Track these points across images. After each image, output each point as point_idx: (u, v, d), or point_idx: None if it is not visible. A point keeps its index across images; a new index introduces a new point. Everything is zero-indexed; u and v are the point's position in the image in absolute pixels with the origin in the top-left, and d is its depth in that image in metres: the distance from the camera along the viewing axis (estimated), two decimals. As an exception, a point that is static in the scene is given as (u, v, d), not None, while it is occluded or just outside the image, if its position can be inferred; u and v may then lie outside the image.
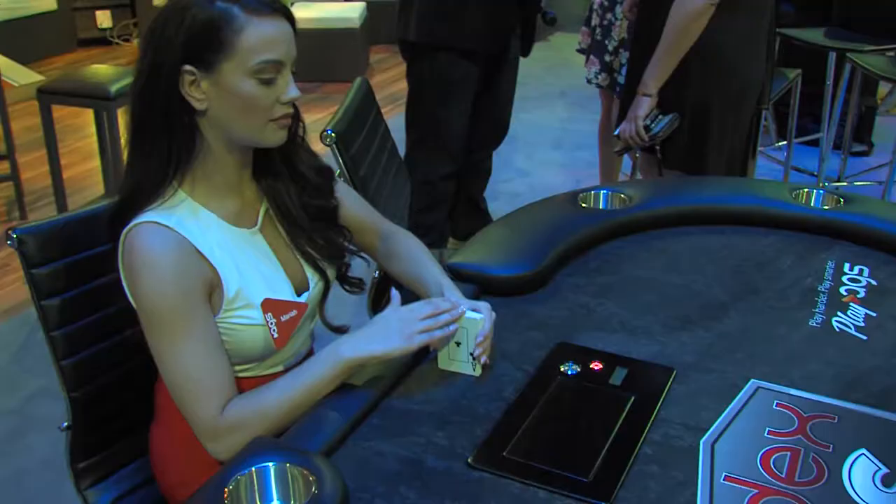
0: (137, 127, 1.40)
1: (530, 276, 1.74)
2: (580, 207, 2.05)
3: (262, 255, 1.49)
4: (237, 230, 1.46)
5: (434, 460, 1.28)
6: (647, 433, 1.35)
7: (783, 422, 1.39)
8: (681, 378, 1.49)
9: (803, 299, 1.75)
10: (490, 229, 1.93)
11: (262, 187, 1.52)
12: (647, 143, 2.64)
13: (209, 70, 1.34)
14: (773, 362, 1.54)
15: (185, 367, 1.35)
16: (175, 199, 1.41)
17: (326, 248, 1.55)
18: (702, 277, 1.82)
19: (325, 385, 1.37)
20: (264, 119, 1.39)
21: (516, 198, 4.45)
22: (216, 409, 1.35)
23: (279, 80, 1.37)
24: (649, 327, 1.64)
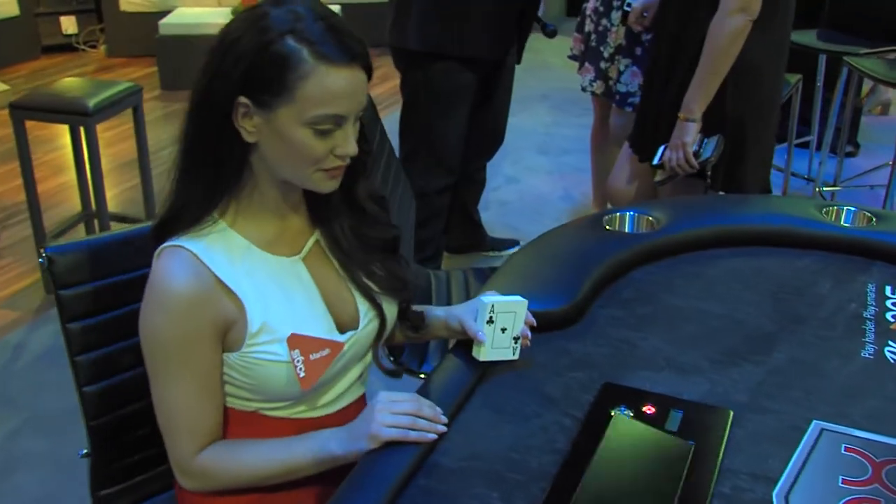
0: (187, 149, 1.32)
1: (567, 310, 1.65)
2: (605, 230, 1.96)
3: (301, 287, 1.39)
4: (273, 258, 1.37)
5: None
6: (714, 486, 1.25)
7: (855, 469, 1.31)
8: (738, 420, 1.40)
9: (850, 328, 1.67)
10: (515, 259, 1.84)
11: (314, 217, 1.44)
12: (696, 169, 2.53)
13: (264, 108, 1.26)
14: (831, 400, 1.46)
15: (169, 402, 1.33)
16: (212, 227, 1.33)
17: (386, 280, 1.46)
18: (742, 305, 1.74)
19: (304, 469, 1.34)
20: (314, 167, 1.31)
21: (505, 206, 4.37)
22: (192, 450, 1.34)
23: (338, 132, 1.29)
24: (696, 363, 1.55)
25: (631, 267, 1.87)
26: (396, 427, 1.27)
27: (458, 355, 1.51)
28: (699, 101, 2.45)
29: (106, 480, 1.58)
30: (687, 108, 2.47)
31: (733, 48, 2.38)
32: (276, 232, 1.38)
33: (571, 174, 4.75)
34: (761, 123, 2.54)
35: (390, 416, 1.28)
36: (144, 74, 6.47)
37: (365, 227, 1.44)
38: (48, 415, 2.84)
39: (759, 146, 2.55)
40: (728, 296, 1.78)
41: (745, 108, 2.50)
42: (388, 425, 1.27)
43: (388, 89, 5.67)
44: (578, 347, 1.59)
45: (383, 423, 1.27)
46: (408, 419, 1.28)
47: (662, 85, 2.57)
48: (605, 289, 1.78)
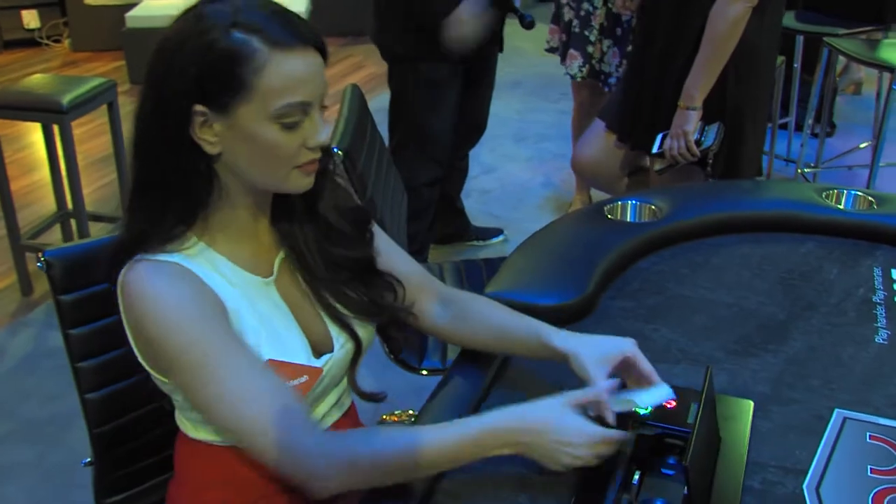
0: (141, 168, 1.23)
1: (578, 303, 1.62)
2: (607, 220, 1.94)
3: (275, 309, 1.30)
4: (252, 277, 1.29)
5: (526, 530, 1.15)
6: (745, 481, 1.24)
7: (883, 458, 1.30)
8: (760, 411, 1.39)
9: (861, 313, 1.67)
10: (519, 252, 1.81)
11: (279, 231, 1.34)
12: (698, 158, 2.51)
13: (223, 112, 1.16)
14: (850, 388, 1.45)
15: (241, 394, 1.15)
16: (191, 246, 1.25)
17: (358, 304, 1.35)
18: (751, 294, 1.72)
19: (470, 451, 1.18)
20: (288, 167, 1.22)
21: (486, 195, 4.35)
22: (312, 430, 1.17)
23: (305, 122, 1.20)
24: (712, 354, 1.53)
25: (636, 257, 1.85)
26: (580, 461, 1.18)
27: (470, 353, 1.48)
28: (700, 89, 2.43)
29: (110, 489, 1.55)
30: (688, 96, 2.45)
31: (735, 35, 2.37)
32: (251, 250, 1.30)
33: (551, 160, 4.73)
34: (759, 108, 2.54)
35: (573, 461, 1.18)
36: (112, 69, 6.37)
37: (329, 244, 1.33)
38: (33, 423, 2.78)
39: (756, 132, 2.54)
40: (736, 284, 1.77)
41: (744, 94, 2.49)
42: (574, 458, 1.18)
43: (362, 77, 5.62)
44: (593, 341, 1.56)
45: (566, 468, 1.18)
46: (590, 452, 1.18)
47: (658, 72, 2.54)
48: (612, 280, 1.76)
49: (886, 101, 3.59)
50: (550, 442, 1.17)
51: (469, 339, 1.46)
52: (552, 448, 1.17)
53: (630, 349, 1.32)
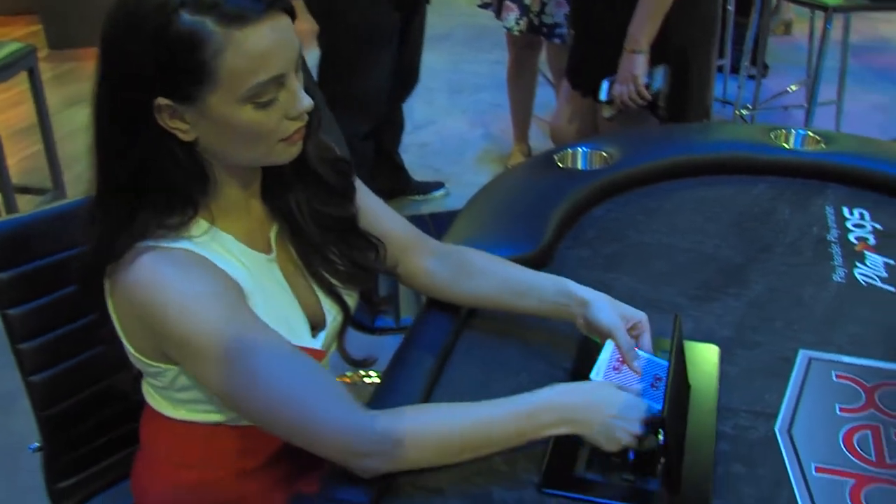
0: (110, 167, 1.13)
1: (536, 254, 1.60)
2: (558, 169, 1.91)
3: (279, 289, 1.24)
4: (258, 255, 1.23)
5: (502, 492, 1.13)
6: (717, 427, 1.23)
7: (849, 396, 1.30)
8: (726, 356, 1.38)
9: (817, 252, 1.67)
10: (473, 205, 1.77)
11: (270, 203, 1.26)
12: (648, 102, 2.48)
13: (189, 102, 1.06)
14: (813, 328, 1.45)
15: (284, 380, 1.09)
16: (194, 227, 1.16)
17: (348, 273, 1.30)
18: (707, 238, 1.72)
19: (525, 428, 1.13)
20: (272, 142, 1.12)
21: (425, 148, 4.31)
22: (357, 408, 1.10)
23: (282, 94, 1.09)
24: (675, 301, 1.53)
25: (590, 205, 1.83)
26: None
27: (436, 308, 1.45)
28: (646, 32, 2.40)
29: (62, 472, 1.49)
30: (633, 40, 2.42)
31: None
32: (248, 227, 1.22)
33: (488, 111, 4.69)
34: (703, 49, 2.52)
35: (628, 437, 1.14)
36: (27, 33, 6.14)
37: (319, 203, 1.26)
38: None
39: (701, 72, 2.52)
40: (691, 229, 1.76)
41: (687, 35, 2.47)
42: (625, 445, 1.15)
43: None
44: (553, 293, 1.53)
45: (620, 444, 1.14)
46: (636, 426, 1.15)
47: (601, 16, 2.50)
48: (568, 230, 1.74)
49: (822, 40, 3.61)
50: (607, 417, 1.14)
51: (475, 294, 1.41)
52: (609, 424, 1.13)
53: (644, 320, 1.31)
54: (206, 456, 1.30)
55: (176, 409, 1.27)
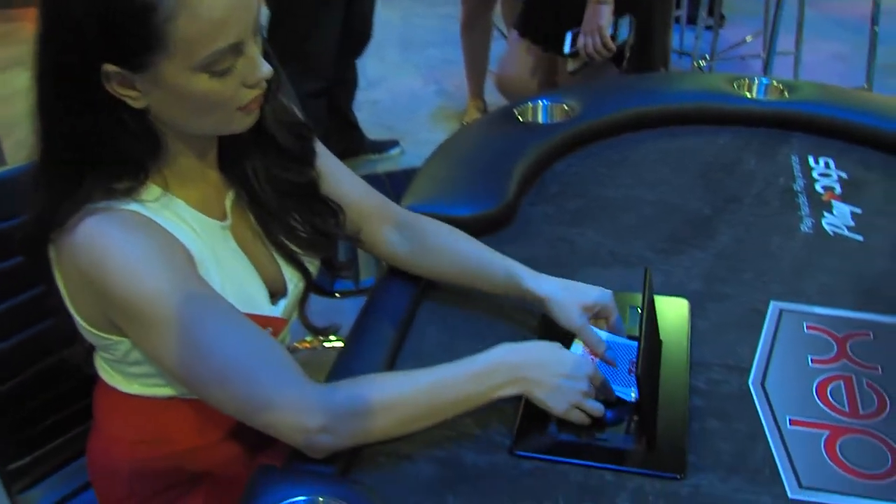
0: (53, 135, 1.07)
1: (499, 211, 1.58)
2: (519, 123, 1.88)
3: (234, 257, 1.20)
4: (212, 222, 1.18)
5: (473, 455, 1.11)
6: (690, 382, 1.22)
7: (821, 347, 1.30)
8: (696, 309, 1.37)
9: (784, 202, 1.67)
10: (430, 163, 1.74)
11: (227, 170, 1.22)
12: (614, 53, 2.44)
13: (140, 70, 1.00)
14: (782, 279, 1.45)
15: (229, 350, 1.05)
16: (144, 191, 1.10)
17: (307, 239, 1.26)
18: (673, 189, 1.70)
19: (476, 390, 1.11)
20: (228, 111, 1.08)
21: (377, 106, 4.26)
22: (307, 382, 1.06)
23: (240, 62, 1.03)
24: (642, 254, 1.51)
25: (552, 159, 1.80)
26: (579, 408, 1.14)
27: (397, 272, 1.42)
28: None
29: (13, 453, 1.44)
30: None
31: None
32: (202, 194, 1.18)
33: (441, 67, 4.64)
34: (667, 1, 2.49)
35: (577, 395, 1.13)
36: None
37: (278, 169, 1.22)
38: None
39: (664, 22, 2.50)
40: (657, 180, 1.74)
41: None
42: (572, 405, 1.13)
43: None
44: (517, 250, 1.49)
45: (569, 402, 1.13)
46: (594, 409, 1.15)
47: None
48: (530, 185, 1.72)
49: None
50: (554, 376, 1.12)
51: (431, 270, 1.39)
52: (557, 384, 1.12)
53: (608, 300, 1.28)
54: (163, 431, 1.26)
55: (129, 384, 1.23)
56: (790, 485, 1.07)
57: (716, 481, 1.07)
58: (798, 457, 1.11)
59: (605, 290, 1.28)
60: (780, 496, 1.05)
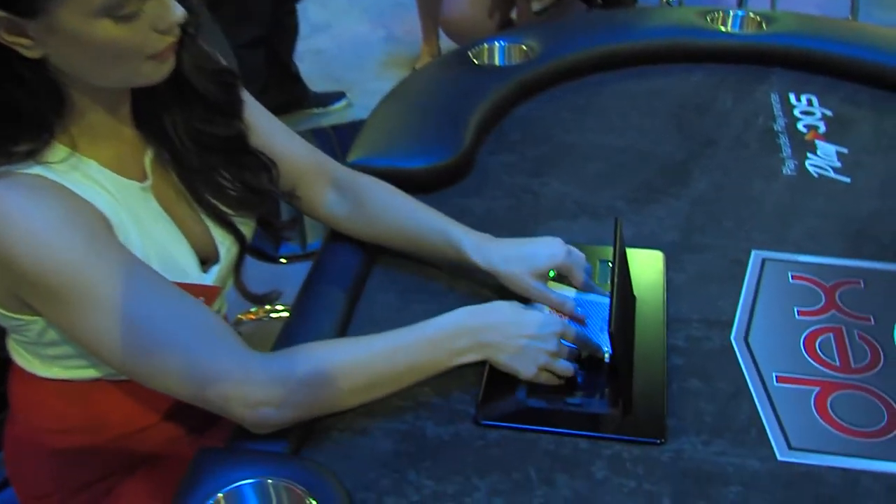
0: None
1: (455, 162, 1.56)
2: (475, 66, 1.87)
3: (158, 220, 1.16)
4: (130, 183, 1.14)
5: (435, 426, 1.11)
6: (666, 339, 1.22)
7: (808, 297, 1.31)
8: (672, 262, 1.37)
9: (764, 144, 1.67)
10: (381, 111, 1.72)
11: (143, 125, 1.18)
12: None
13: (32, 15, 0.95)
14: (764, 226, 1.45)
15: (156, 321, 1.03)
16: (50, 153, 1.06)
17: (238, 197, 1.23)
18: (644, 134, 1.70)
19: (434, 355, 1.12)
20: (137, 60, 1.03)
21: (321, 55, 4.21)
22: (247, 350, 1.05)
23: (148, 5, 0.99)
24: (612, 205, 1.51)
25: (511, 104, 1.79)
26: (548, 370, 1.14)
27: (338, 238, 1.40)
28: None
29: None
30: None
31: None
32: (117, 152, 1.13)
33: (391, 10, 4.60)
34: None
35: (544, 357, 1.13)
36: None
37: (199, 122, 1.18)
38: None
39: None
40: (626, 125, 1.74)
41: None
42: (540, 367, 1.13)
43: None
44: (477, 204, 1.51)
45: (536, 365, 1.13)
46: (563, 369, 1.14)
47: None
48: (488, 133, 1.70)
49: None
50: (518, 337, 1.12)
51: (370, 235, 1.38)
52: (522, 345, 1.12)
53: (561, 257, 1.25)
54: (89, 418, 1.24)
55: (48, 368, 1.20)
56: (779, 446, 1.07)
57: (698, 445, 1.07)
58: (786, 416, 1.11)
59: (558, 244, 1.26)
60: (768, 458, 1.05)
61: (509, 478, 1.03)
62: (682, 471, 1.04)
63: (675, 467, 1.04)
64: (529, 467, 1.04)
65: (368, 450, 1.07)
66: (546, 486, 1.02)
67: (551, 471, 1.04)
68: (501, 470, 1.04)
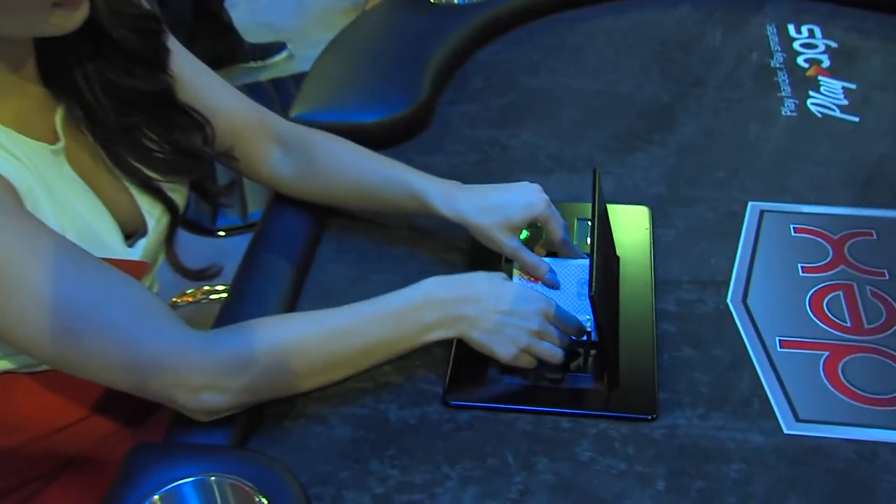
0: None
1: (411, 113, 1.56)
2: (430, 5, 1.86)
3: (72, 187, 1.15)
4: (38, 145, 1.11)
5: (398, 410, 1.11)
6: (655, 303, 1.23)
7: (813, 252, 1.32)
8: (660, 218, 1.38)
9: (760, 83, 1.68)
10: (323, 61, 1.72)
11: (52, 80, 1.15)
12: None
13: None
14: (762, 174, 1.47)
15: (82, 300, 1.01)
16: None
17: (166, 160, 1.20)
18: (624, 76, 1.71)
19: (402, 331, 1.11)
20: (41, 6, 0.99)
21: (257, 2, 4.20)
22: (186, 328, 1.04)
23: None
24: (590, 156, 1.52)
25: (473, 47, 1.80)
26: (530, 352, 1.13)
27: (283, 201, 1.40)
28: None
29: None
30: None
31: None
32: (21, 111, 1.10)
33: (333, -51, 4.58)
34: None
35: (526, 337, 1.12)
36: None
37: (118, 74, 1.15)
38: None
39: None
40: (603, 66, 1.75)
41: None
42: (521, 349, 1.12)
43: None
44: (438, 160, 1.51)
45: (517, 345, 1.12)
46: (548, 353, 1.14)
47: None
48: (448, 80, 1.71)
49: None
50: (495, 312, 1.12)
51: (324, 195, 1.38)
52: (499, 322, 1.11)
53: (540, 207, 1.25)
54: (6, 417, 1.22)
55: None
56: (785, 418, 1.08)
57: (694, 419, 1.08)
58: (792, 384, 1.12)
59: (537, 191, 1.27)
60: (773, 432, 1.07)
61: (484, 464, 1.04)
62: (676, 449, 1.05)
63: (669, 445, 1.05)
64: (506, 451, 1.05)
65: (324, 439, 1.08)
66: (525, 472, 1.03)
67: (530, 454, 1.05)
68: (475, 455, 1.05)
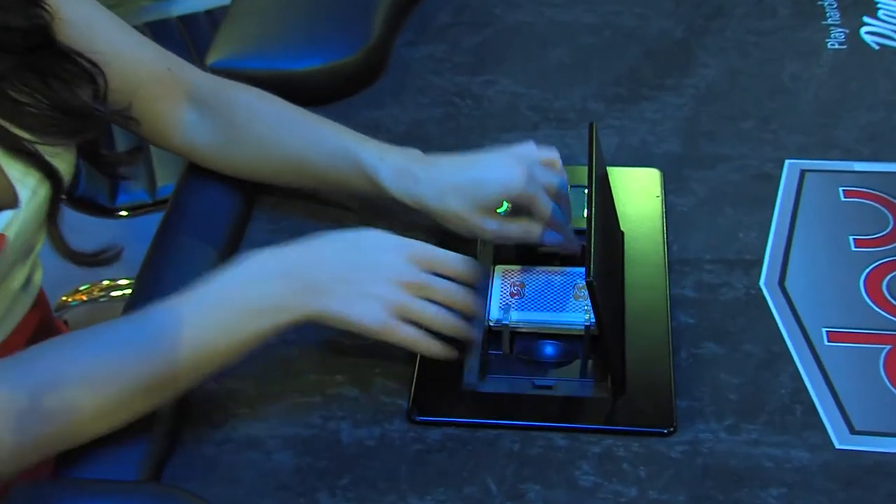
0: None
1: (361, 58, 1.57)
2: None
3: None
4: None
5: (353, 429, 1.11)
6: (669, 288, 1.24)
7: (869, 220, 1.32)
8: (672, 182, 1.39)
9: (799, 8, 1.69)
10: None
11: None
12: None
13: None
14: (802, 125, 1.48)
15: None
16: None
17: (43, 118, 1.18)
18: (626, 6, 1.71)
19: (231, 326, 1.06)
20: None
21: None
22: None
23: None
24: (585, 107, 1.53)
25: (437, -27, 1.79)
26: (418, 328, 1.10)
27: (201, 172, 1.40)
28: None
29: None
30: None
31: None
32: None
33: None
34: None
35: (395, 292, 1.09)
36: None
37: None
38: None
39: None
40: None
41: None
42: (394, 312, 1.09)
43: None
44: (396, 116, 1.52)
45: (387, 308, 1.09)
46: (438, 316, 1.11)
47: None
48: (406, 16, 1.72)
49: None
50: (350, 270, 1.09)
51: (246, 169, 1.38)
52: (357, 281, 1.09)
53: (518, 186, 1.22)
54: None
55: None
56: (836, 430, 1.09)
57: (721, 433, 1.09)
58: (844, 387, 1.13)
59: (514, 163, 1.23)
60: (821, 447, 1.07)
61: (460, 493, 1.04)
62: (700, 470, 1.05)
63: (691, 465, 1.06)
64: (487, 477, 1.06)
65: (260, 468, 1.08)
66: (512, 502, 1.03)
67: (518, 480, 1.05)
68: (448, 483, 1.05)
